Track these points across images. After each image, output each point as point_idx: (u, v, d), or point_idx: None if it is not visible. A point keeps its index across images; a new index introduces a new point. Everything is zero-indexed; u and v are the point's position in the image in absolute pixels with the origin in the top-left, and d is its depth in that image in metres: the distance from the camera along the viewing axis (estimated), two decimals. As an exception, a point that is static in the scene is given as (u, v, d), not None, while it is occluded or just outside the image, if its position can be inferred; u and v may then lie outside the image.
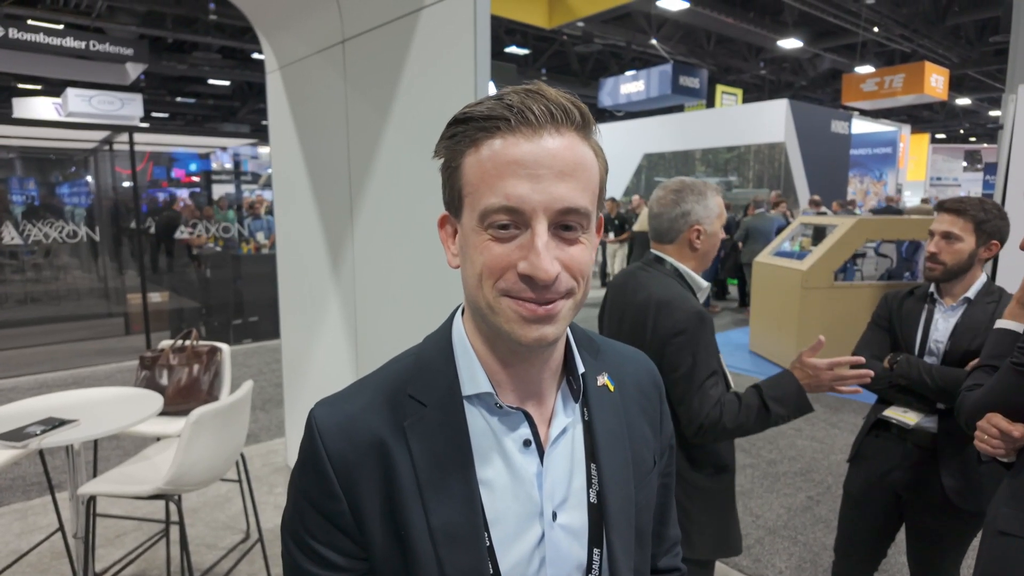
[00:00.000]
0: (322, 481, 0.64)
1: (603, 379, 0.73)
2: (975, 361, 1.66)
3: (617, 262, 10.05)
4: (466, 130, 0.60)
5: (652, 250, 1.66)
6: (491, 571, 0.63)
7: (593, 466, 0.69)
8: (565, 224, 0.59)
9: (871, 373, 1.38)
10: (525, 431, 0.66)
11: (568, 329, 0.72)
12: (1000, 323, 1.55)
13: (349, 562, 0.65)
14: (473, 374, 0.66)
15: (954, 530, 1.76)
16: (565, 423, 0.69)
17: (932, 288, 1.83)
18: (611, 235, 10.16)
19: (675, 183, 1.60)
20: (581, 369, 0.70)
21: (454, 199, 0.64)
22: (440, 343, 0.70)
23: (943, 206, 1.77)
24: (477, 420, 0.66)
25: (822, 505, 3.31)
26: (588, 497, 0.69)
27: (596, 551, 0.68)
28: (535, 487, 0.66)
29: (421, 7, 2.22)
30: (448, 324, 0.71)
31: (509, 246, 0.59)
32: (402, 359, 0.71)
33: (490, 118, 0.58)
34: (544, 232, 0.57)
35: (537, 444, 0.67)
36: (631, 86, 13.94)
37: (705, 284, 1.60)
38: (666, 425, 0.82)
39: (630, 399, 0.76)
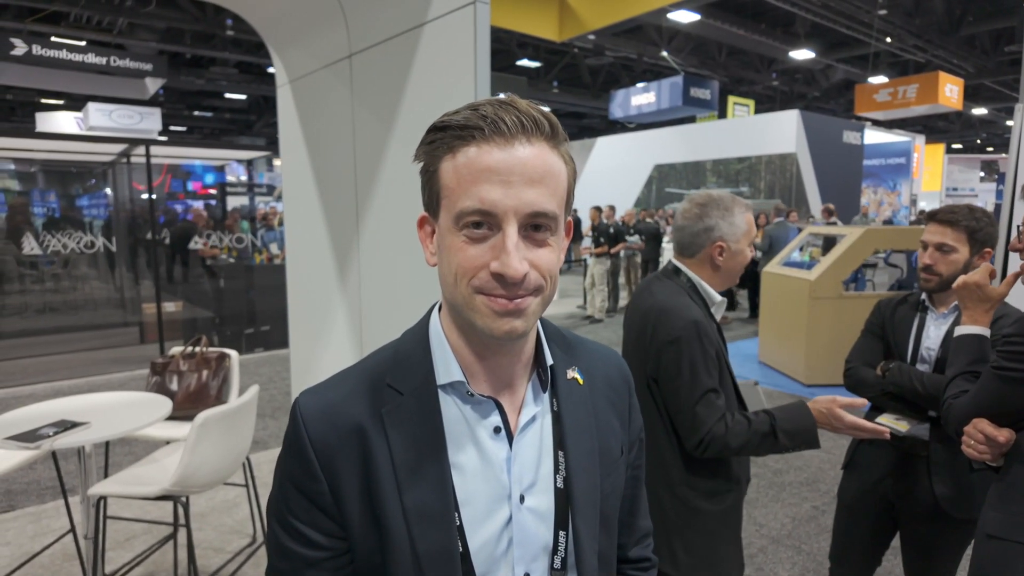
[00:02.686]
0: (304, 463, 0.68)
1: (573, 373, 0.77)
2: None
3: (596, 277, 9.13)
4: (444, 137, 0.65)
5: (672, 260, 1.63)
6: (461, 549, 0.67)
7: (561, 453, 0.73)
8: (534, 226, 0.64)
9: (886, 432, 1.37)
10: (496, 419, 0.70)
11: (540, 325, 0.76)
12: (964, 329, 1.53)
13: (329, 541, 0.69)
14: (447, 365, 0.70)
15: (947, 538, 1.75)
16: (534, 412, 0.73)
17: (924, 296, 1.84)
18: (592, 246, 9.20)
19: (702, 196, 1.56)
20: (550, 362, 0.75)
21: (432, 201, 0.69)
22: (417, 336, 0.74)
23: (934, 216, 1.76)
24: (451, 408, 0.70)
25: (827, 515, 3.29)
26: (555, 482, 0.72)
27: (562, 533, 0.72)
28: (504, 471, 0.70)
29: (424, 22, 2.29)
30: (426, 319, 0.76)
31: (482, 247, 0.63)
32: (382, 351, 0.76)
33: (466, 127, 0.63)
34: (514, 234, 0.62)
35: (507, 431, 0.71)
36: (642, 98, 14.00)
37: (719, 299, 1.56)
38: (635, 418, 0.85)
39: (599, 392, 0.80)
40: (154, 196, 7.30)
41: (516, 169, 0.62)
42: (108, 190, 8.77)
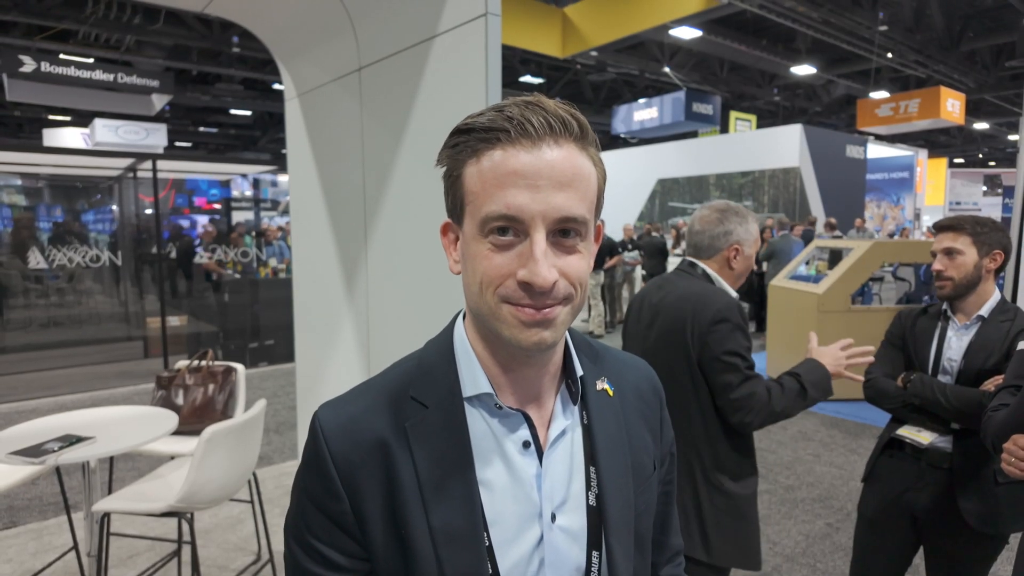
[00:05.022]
0: (325, 481, 0.65)
1: (602, 384, 0.74)
2: (992, 379, 1.64)
3: (590, 291, 9.23)
4: (468, 140, 0.62)
5: (687, 259, 1.72)
6: (490, 571, 0.63)
7: (592, 469, 0.70)
8: (563, 232, 0.61)
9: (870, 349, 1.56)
10: (524, 433, 0.67)
11: (567, 334, 0.73)
12: None
13: (351, 562, 0.66)
14: (474, 376, 0.67)
15: (973, 554, 1.71)
16: (564, 425, 0.70)
17: (945, 306, 1.82)
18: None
19: (720, 204, 1.68)
20: (579, 372, 0.71)
21: (456, 207, 0.66)
22: (442, 347, 0.71)
23: (938, 225, 1.81)
24: (477, 422, 0.67)
25: (841, 532, 3.23)
26: (587, 500, 0.69)
27: (595, 554, 0.68)
28: (534, 488, 0.66)
29: (435, 35, 2.29)
30: (450, 328, 0.73)
31: (509, 255, 0.60)
32: (404, 363, 0.73)
33: (491, 129, 0.60)
34: (542, 240, 0.59)
35: (536, 446, 0.67)
36: (644, 113, 14.06)
37: (735, 294, 1.65)
38: (666, 432, 0.82)
39: (629, 405, 0.77)
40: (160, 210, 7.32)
41: (544, 172, 0.59)
42: (115, 206, 8.81)
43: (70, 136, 14.05)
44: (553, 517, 0.67)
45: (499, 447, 0.67)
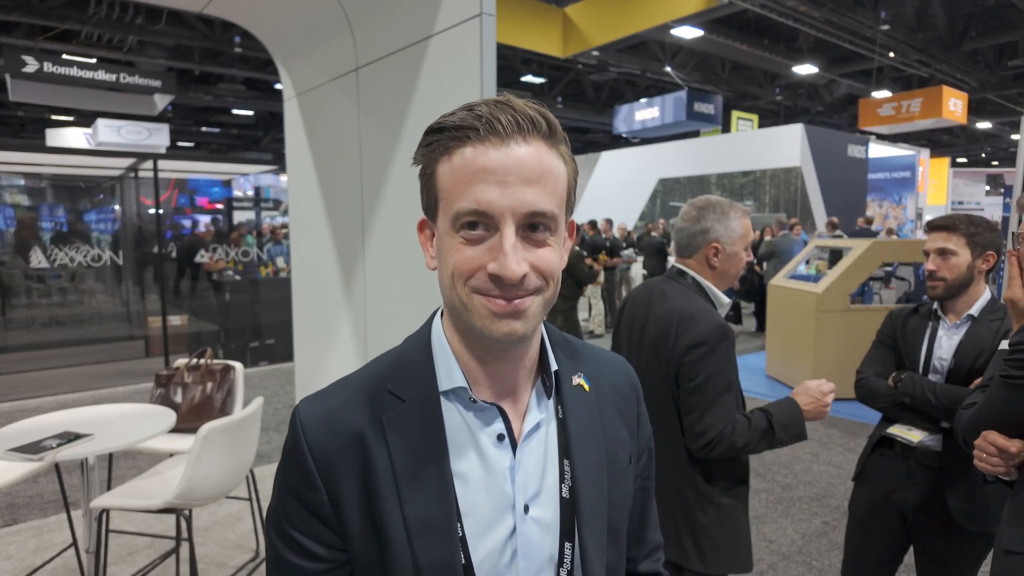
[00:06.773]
0: (303, 473, 0.67)
1: (578, 379, 0.76)
2: (979, 379, 1.65)
3: (589, 291, 8.80)
4: (440, 139, 0.64)
5: (675, 263, 1.69)
6: (463, 561, 0.65)
7: (566, 462, 0.71)
8: (532, 226, 0.62)
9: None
10: (499, 426, 0.69)
11: (544, 330, 0.75)
12: (1005, 343, 1.54)
13: (329, 553, 0.67)
14: (450, 370, 0.69)
15: (962, 552, 1.72)
16: (538, 419, 0.71)
17: (936, 306, 1.83)
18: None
19: (701, 200, 1.64)
20: (554, 367, 0.73)
21: (430, 204, 0.68)
22: (419, 342, 0.73)
23: (932, 225, 1.80)
24: (453, 415, 0.68)
25: (838, 531, 3.23)
26: (560, 492, 0.70)
27: (568, 545, 0.70)
28: (508, 480, 0.68)
29: (430, 35, 2.30)
30: (428, 324, 0.74)
31: (479, 248, 0.62)
32: (383, 358, 0.74)
33: (461, 128, 0.62)
34: (512, 234, 0.61)
35: (511, 439, 0.69)
36: (646, 113, 14.04)
37: (727, 300, 1.63)
38: (643, 427, 0.83)
39: (606, 399, 0.78)
40: (161, 211, 7.35)
41: (512, 169, 0.61)
42: (116, 205, 8.85)
43: (73, 136, 14.10)
44: (526, 508, 0.68)
45: (474, 440, 0.68)
